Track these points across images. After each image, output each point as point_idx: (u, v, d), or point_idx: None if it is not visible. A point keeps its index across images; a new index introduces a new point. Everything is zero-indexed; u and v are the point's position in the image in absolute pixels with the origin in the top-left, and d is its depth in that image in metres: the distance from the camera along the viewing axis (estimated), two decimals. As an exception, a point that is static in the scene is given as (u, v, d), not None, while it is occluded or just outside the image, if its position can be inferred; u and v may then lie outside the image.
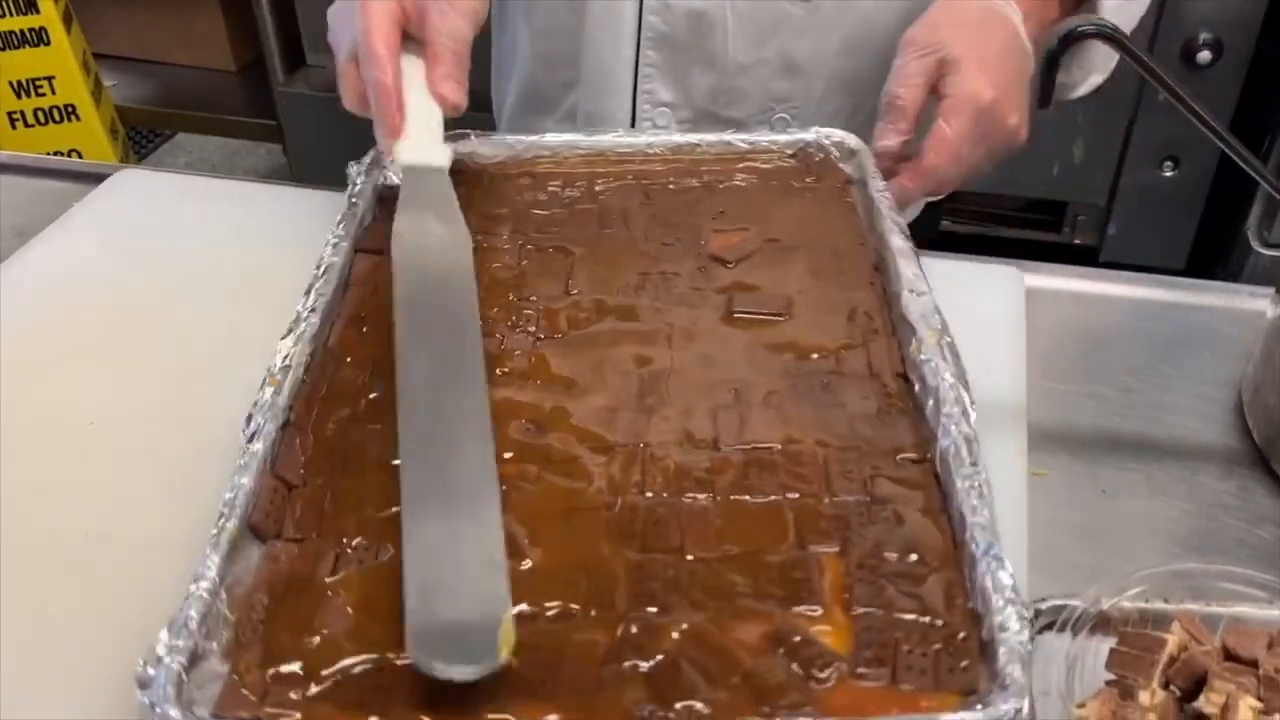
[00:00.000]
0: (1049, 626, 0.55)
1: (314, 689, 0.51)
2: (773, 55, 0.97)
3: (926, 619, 0.53)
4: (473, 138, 0.88)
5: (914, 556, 0.56)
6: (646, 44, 0.98)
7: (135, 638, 0.54)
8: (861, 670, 0.51)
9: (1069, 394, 0.75)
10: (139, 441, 0.69)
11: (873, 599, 0.54)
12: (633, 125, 1.01)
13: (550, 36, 1.04)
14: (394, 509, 0.59)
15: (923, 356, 0.66)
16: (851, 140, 0.89)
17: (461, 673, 0.49)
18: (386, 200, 0.82)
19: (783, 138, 0.90)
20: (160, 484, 0.65)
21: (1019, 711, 0.46)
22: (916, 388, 0.66)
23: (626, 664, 0.52)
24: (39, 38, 2.23)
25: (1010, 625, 0.50)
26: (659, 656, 0.52)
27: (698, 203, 0.85)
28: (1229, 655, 0.50)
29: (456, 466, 0.58)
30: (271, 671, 0.51)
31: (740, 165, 0.89)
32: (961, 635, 0.52)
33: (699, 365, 0.69)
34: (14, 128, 2.30)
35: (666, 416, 0.65)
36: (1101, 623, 0.52)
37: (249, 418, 0.62)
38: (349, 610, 0.54)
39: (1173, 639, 0.50)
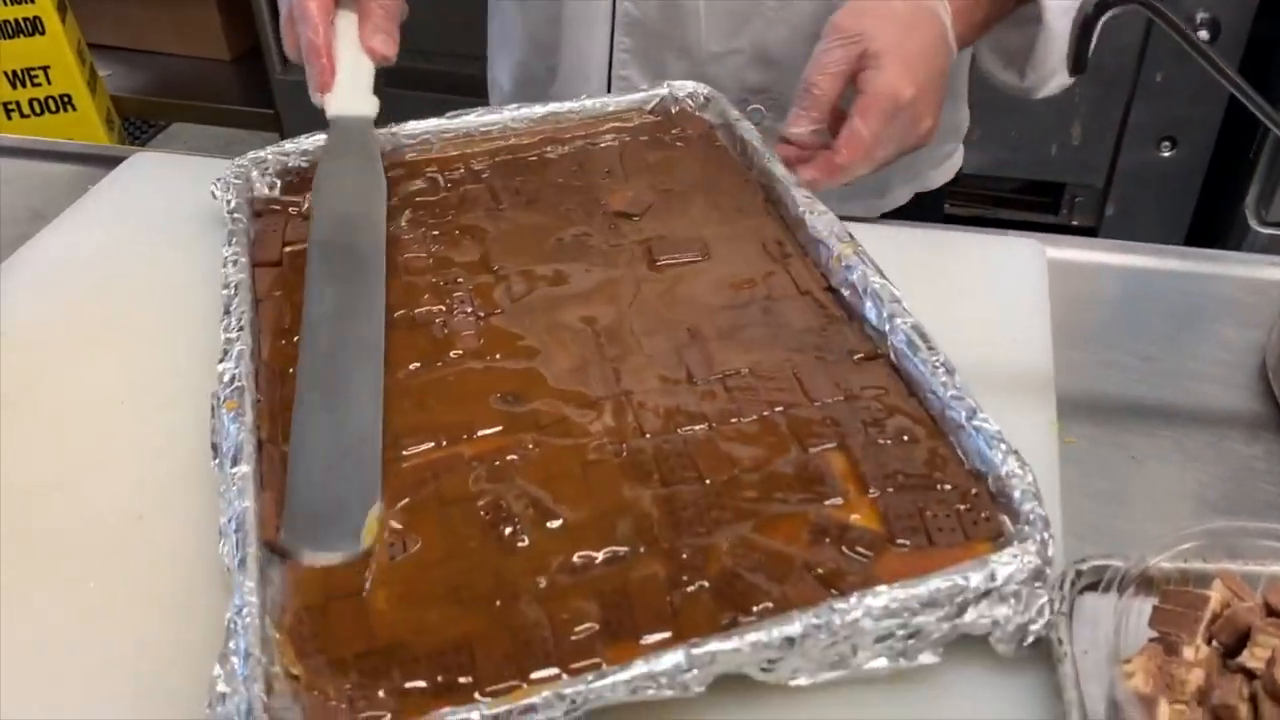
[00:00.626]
0: (1089, 588, 0.55)
1: (397, 683, 0.50)
2: (746, 45, 0.97)
3: (937, 486, 0.59)
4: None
5: (905, 437, 0.62)
6: (620, 29, 0.98)
7: (173, 611, 0.57)
8: (901, 541, 0.56)
9: (1092, 363, 0.75)
10: (169, 420, 0.67)
11: (884, 480, 0.59)
12: None
13: (536, 21, 1.04)
14: (403, 501, 0.59)
15: (846, 265, 0.72)
16: (703, 89, 0.93)
17: (326, 558, 0.55)
18: (263, 212, 0.82)
19: (636, 96, 0.94)
20: (192, 461, 0.64)
21: (1046, 540, 0.53)
22: (846, 294, 0.72)
23: (691, 587, 0.54)
24: (34, 27, 2.18)
25: (1015, 470, 0.57)
26: (718, 573, 0.55)
27: (580, 166, 0.87)
28: (1271, 611, 0.51)
29: (347, 384, 0.64)
30: (348, 681, 0.51)
31: (604, 127, 0.92)
32: (973, 491, 0.58)
33: (645, 314, 0.72)
34: (9, 118, 2.25)
35: (635, 364, 0.68)
36: (1140, 583, 0.53)
37: (214, 445, 0.61)
38: (398, 602, 0.54)
39: (1215, 596, 0.51)
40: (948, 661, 0.53)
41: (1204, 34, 1.84)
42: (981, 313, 0.75)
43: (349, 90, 0.83)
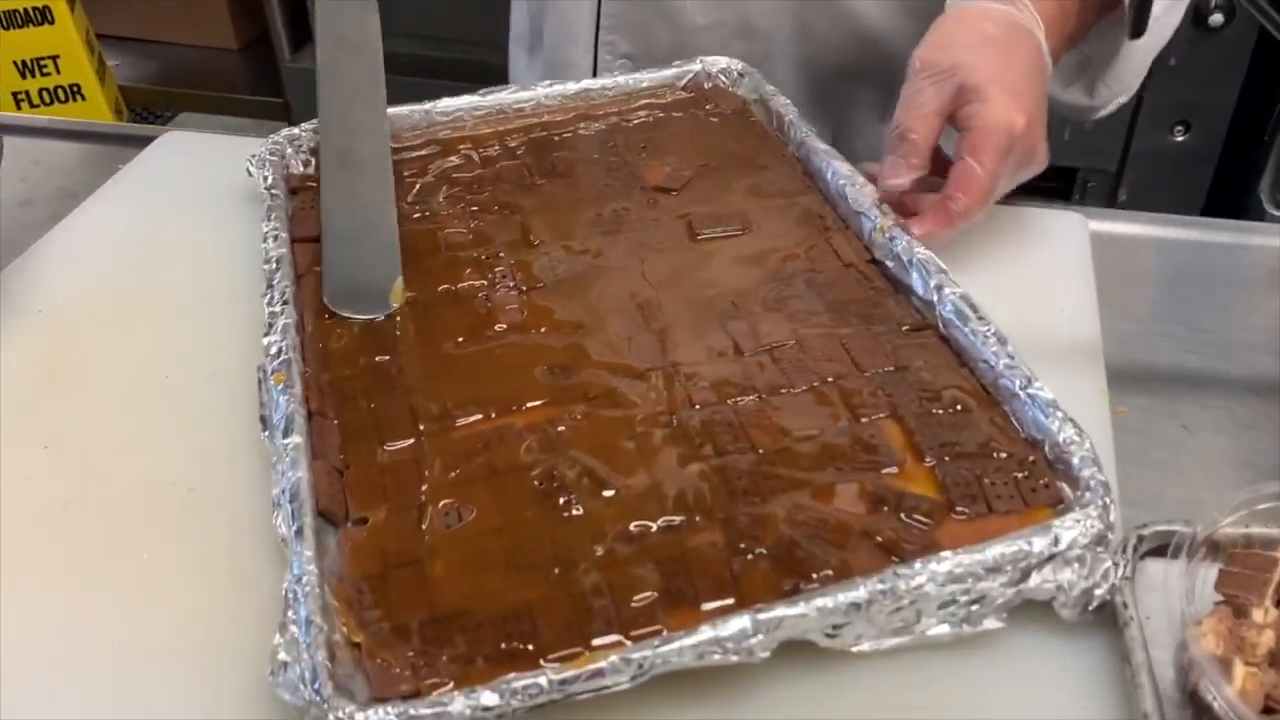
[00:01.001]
0: (1150, 553, 0.55)
1: (460, 650, 0.50)
2: (730, 18, 0.97)
3: (994, 454, 0.58)
4: None
5: (959, 406, 0.61)
6: (608, 9, 0.98)
7: (227, 582, 0.57)
8: (960, 509, 0.56)
9: (1142, 334, 0.75)
10: (214, 393, 0.68)
11: (940, 449, 0.59)
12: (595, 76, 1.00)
13: None
14: (455, 472, 0.59)
15: (890, 237, 0.72)
16: (736, 65, 0.93)
17: (363, 314, 0.62)
18: (299, 189, 0.81)
19: (669, 72, 0.93)
20: (239, 434, 0.64)
21: (1108, 504, 0.53)
22: (891, 266, 0.71)
23: (750, 555, 0.54)
24: (43, 16, 2.17)
25: (1073, 437, 0.57)
26: (777, 541, 0.54)
27: (616, 142, 0.87)
28: (1339, 574, 0.51)
29: (363, 179, 0.69)
30: (411, 648, 0.50)
31: (638, 104, 0.92)
32: (1031, 459, 0.58)
33: (687, 287, 0.72)
34: (19, 108, 2.26)
35: (680, 337, 0.68)
36: (1207, 549, 0.52)
37: (263, 418, 0.62)
38: (456, 571, 0.54)
39: (1284, 559, 0.51)
40: (1010, 628, 0.53)
41: (1218, 18, 1.84)
42: (1026, 284, 0.75)
43: None
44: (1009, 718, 0.51)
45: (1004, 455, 0.58)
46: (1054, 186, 2.16)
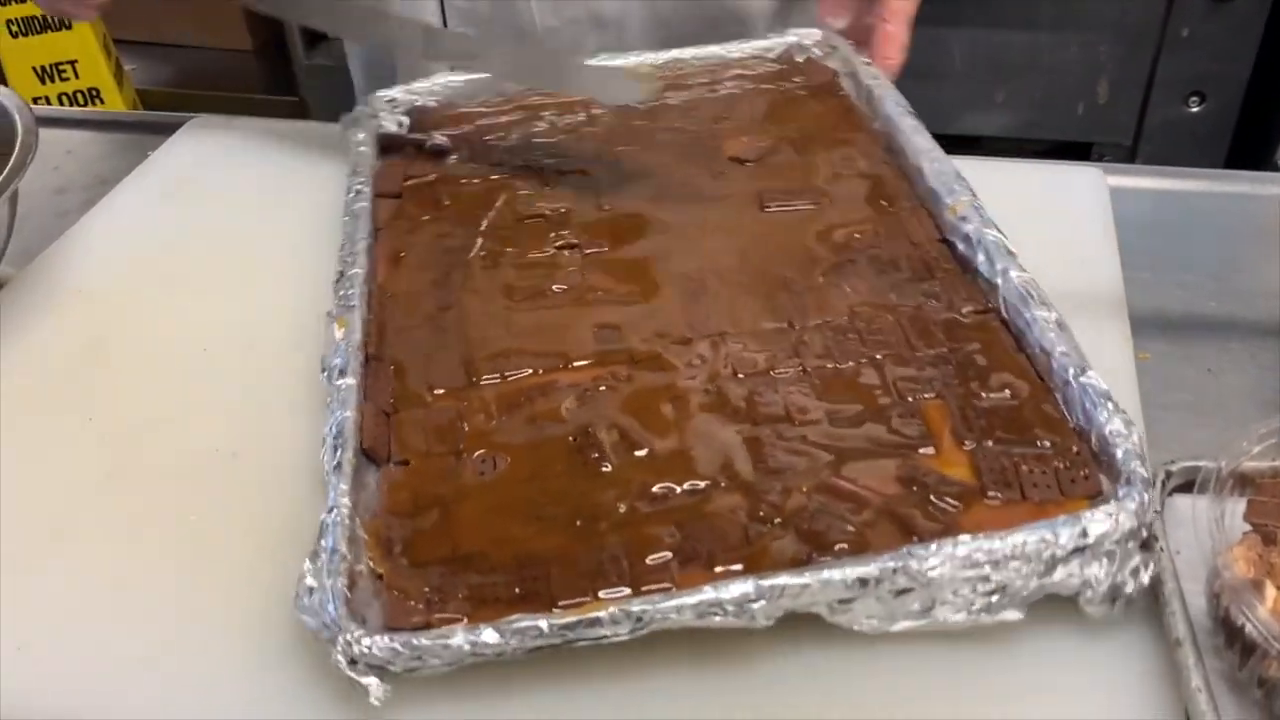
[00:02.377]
0: (1178, 490, 0.56)
1: (475, 589, 0.52)
2: (581, 15, 0.98)
3: (1036, 442, 0.56)
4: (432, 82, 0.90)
5: (1008, 391, 0.60)
6: (453, 18, 1.00)
7: (272, 541, 0.59)
8: (992, 494, 0.54)
9: (1161, 283, 0.76)
10: (252, 364, 0.71)
11: (982, 434, 0.57)
12: None
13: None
14: (495, 423, 0.61)
15: (962, 216, 0.70)
16: (832, 37, 0.92)
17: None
18: (389, 148, 0.84)
19: (762, 43, 0.93)
20: (278, 402, 0.67)
21: (1146, 502, 0.50)
22: (960, 248, 0.70)
23: (770, 524, 0.54)
24: (60, 21, 2.22)
25: (1119, 429, 0.54)
26: (798, 511, 0.54)
27: (699, 112, 0.87)
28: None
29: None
30: (428, 583, 0.52)
31: (728, 75, 0.91)
32: (1074, 449, 0.56)
33: (750, 257, 0.72)
34: (38, 114, 2.30)
35: (735, 306, 0.67)
36: (1236, 481, 0.53)
37: (324, 359, 0.63)
38: (482, 515, 0.56)
39: (1311, 489, 0.51)
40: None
41: (1232, -15, 1.83)
42: (1050, 238, 0.74)
43: None
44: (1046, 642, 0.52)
45: (1047, 444, 0.56)
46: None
